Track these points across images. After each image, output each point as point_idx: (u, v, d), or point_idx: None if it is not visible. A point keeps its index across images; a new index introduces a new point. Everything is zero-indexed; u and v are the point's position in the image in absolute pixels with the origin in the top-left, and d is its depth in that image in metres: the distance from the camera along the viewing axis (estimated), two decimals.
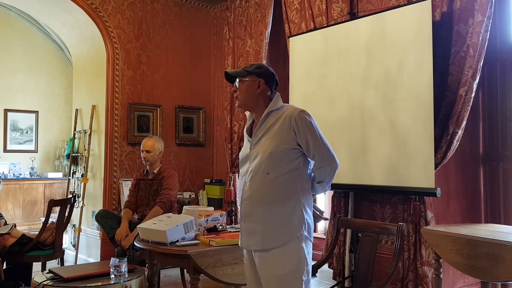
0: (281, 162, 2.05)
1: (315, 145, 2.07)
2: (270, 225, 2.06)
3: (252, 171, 2.10)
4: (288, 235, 2.04)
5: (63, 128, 8.21)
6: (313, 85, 4.30)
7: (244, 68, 2.19)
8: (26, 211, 7.50)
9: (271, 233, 2.05)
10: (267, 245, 2.06)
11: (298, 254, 2.05)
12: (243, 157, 2.20)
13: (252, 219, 2.10)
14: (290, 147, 2.07)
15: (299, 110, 2.10)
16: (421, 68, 3.45)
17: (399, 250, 2.46)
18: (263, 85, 2.16)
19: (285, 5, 4.82)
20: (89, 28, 5.25)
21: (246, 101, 2.17)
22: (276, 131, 2.08)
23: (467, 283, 3.84)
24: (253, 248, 2.12)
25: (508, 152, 3.88)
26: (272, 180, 2.05)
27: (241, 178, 2.18)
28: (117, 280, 2.64)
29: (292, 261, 2.04)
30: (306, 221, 2.08)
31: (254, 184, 2.08)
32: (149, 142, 4.07)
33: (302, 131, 2.06)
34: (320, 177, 2.14)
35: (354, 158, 3.88)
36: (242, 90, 2.16)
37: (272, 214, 2.05)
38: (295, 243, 2.04)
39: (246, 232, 2.13)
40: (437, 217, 3.65)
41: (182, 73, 5.78)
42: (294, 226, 2.05)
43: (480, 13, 3.31)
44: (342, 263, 4.10)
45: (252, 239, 2.10)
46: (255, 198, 2.08)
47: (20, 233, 3.84)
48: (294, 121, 2.06)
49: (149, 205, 4.00)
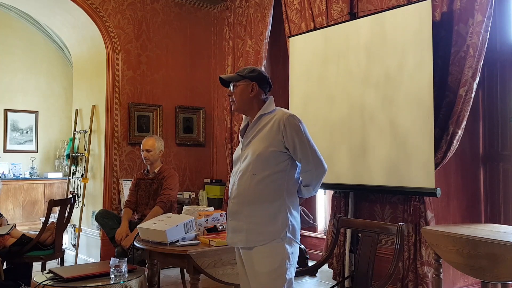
0: (268, 164, 2.12)
1: (302, 149, 2.12)
2: (254, 224, 2.12)
3: (241, 171, 2.18)
4: (271, 234, 2.10)
5: (63, 128, 8.21)
6: (313, 85, 4.31)
7: (237, 73, 2.26)
8: (26, 211, 7.50)
9: (255, 232, 2.12)
10: (250, 243, 2.13)
11: (281, 253, 2.10)
12: (236, 157, 2.28)
13: (238, 217, 2.17)
14: (278, 150, 2.12)
15: (288, 114, 2.16)
16: (421, 68, 3.45)
17: (399, 250, 2.47)
18: (256, 89, 2.22)
19: (285, 5, 4.82)
20: (89, 28, 5.25)
21: (241, 105, 2.24)
22: (265, 134, 2.15)
23: (467, 283, 3.84)
24: (237, 245, 2.21)
25: (508, 152, 3.88)
26: (259, 181, 2.11)
27: (232, 178, 2.26)
28: (117, 280, 2.64)
29: (275, 260, 2.09)
30: (291, 223, 2.14)
31: (242, 184, 2.16)
32: (149, 141, 4.07)
33: (290, 135, 2.11)
34: (306, 180, 2.20)
35: (354, 158, 3.88)
36: (236, 94, 2.23)
37: (257, 214, 2.12)
38: (277, 242, 2.10)
39: (231, 229, 2.20)
40: (437, 217, 3.65)
41: (182, 73, 5.78)
42: (278, 226, 2.11)
43: (480, 13, 3.31)
44: (342, 263, 4.11)
45: (236, 237, 2.17)
46: (242, 197, 2.15)
47: (20, 233, 3.84)
48: (283, 125, 2.11)
49: (149, 205, 4.00)
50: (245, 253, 2.18)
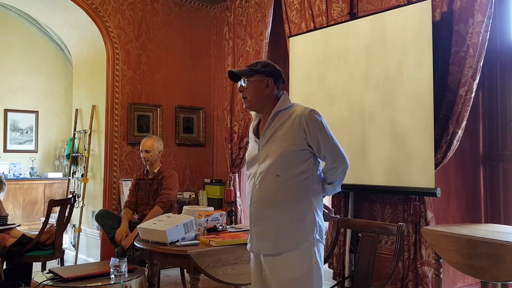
0: (291, 164, 2.00)
1: (326, 145, 2.02)
2: (281, 229, 2.00)
3: (261, 173, 2.03)
4: (299, 239, 1.99)
5: (63, 128, 8.21)
6: (313, 85, 4.31)
7: (250, 67, 2.10)
8: (26, 211, 7.50)
9: (282, 237, 1.99)
10: (278, 249, 2.00)
11: (310, 258, 1.99)
12: (251, 158, 2.13)
13: (262, 222, 2.04)
14: (301, 148, 2.01)
15: (309, 109, 2.04)
16: (421, 68, 3.45)
17: (399, 250, 2.47)
18: (271, 84, 2.08)
19: (285, 5, 4.82)
20: (89, 28, 5.25)
21: (255, 102, 2.09)
22: (286, 132, 2.02)
23: (467, 283, 3.84)
24: (264, 253, 2.05)
25: (508, 152, 3.88)
26: (283, 182, 1.99)
27: (250, 181, 2.11)
28: (117, 280, 2.64)
29: (304, 265, 1.99)
30: (318, 224, 2.03)
31: (264, 186, 2.02)
32: (148, 142, 4.07)
33: (313, 132, 2.00)
34: (331, 178, 2.10)
35: (354, 158, 3.88)
36: (250, 91, 2.07)
37: (282, 218, 2.00)
38: (306, 246, 1.99)
39: (256, 236, 2.07)
40: (437, 217, 3.65)
41: (182, 73, 5.78)
42: (306, 229, 2.00)
43: (480, 13, 3.31)
44: (342, 263, 4.11)
45: (262, 244, 2.05)
46: (265, 201, 2.02)
47: (20, 233, 3.85)
48: (305, 121, 2.00)
49: (148, 205, 4.00)
50: (269, 260, 2.03)
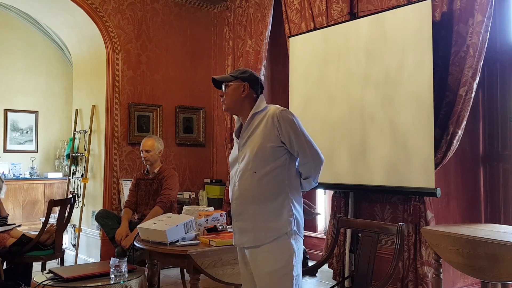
0: (267, 160, 2.13)
1: (297, 141, 2.13)
2: (260, 222, 2.13)
3: (240, 171, 2.18)
4: (278, 231, 2.11)
5: (63, 128, 8.21)
6: (313, 85, 4.31)
7: (230, 74, 2.29)
8: (26, 211, 7.50)
9: (262, 230, 2.12)
10: (258, 241, 2.13)
11: (288, 250, 2.11)
12: (233, 159, 2.29)
13: (243, 217, 2.18)
14: (275, 145, 2.13)
15: (281, 109, 2.18)
16: (421, 68, 3.45)
17: (399, 250, 2.47)
18: (247, 89, 2.24)
19: (285, 5, 4.82)
20: (89, 28, 5.25)
21: (232, 105, 2.26)
22: (261, 131, 2.16)
23: (467, 283, 3.84)
24: (245, 245, 2.19)
25: (508, 152, 3.88)
26: (259, 178, 2.12)
27: (231, 179, 2.27)
28: (117, 280, 2.64)
29: (282, 257, 2.10)
30: (295, 217, 2.15)
31: (243, 183, 2.16)
32: (148, 142, 4.07)
33: (284, 129, 2.12)
34: (306, 173, 2.21)
35: (354, 158, 3.88)
36: (228, 95, 2.25)
37: (261, 212, 2.13)
38: (284, 239, 2.11)
39: (238, 230, 2.21)
40: (437, 217, 3.65)
41: (182, 73, 5.78)
42: (284, 221, 2.12)
43: (480, 13, 3.31)
44: (342, 263, 4.11)
45: (244, 237, 2.18)
46: (245, 197, 2.16)
47: (20, 233, 3.84)
48: (277, 120, 2.13)
49: (149, 205, 4.00)
50: (251, 253, 2.17)
